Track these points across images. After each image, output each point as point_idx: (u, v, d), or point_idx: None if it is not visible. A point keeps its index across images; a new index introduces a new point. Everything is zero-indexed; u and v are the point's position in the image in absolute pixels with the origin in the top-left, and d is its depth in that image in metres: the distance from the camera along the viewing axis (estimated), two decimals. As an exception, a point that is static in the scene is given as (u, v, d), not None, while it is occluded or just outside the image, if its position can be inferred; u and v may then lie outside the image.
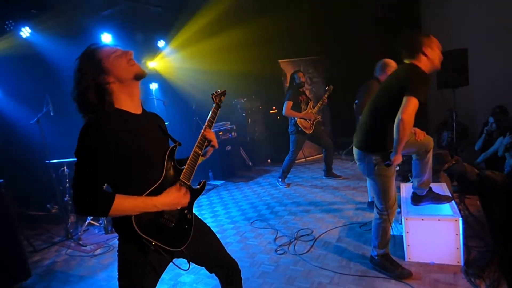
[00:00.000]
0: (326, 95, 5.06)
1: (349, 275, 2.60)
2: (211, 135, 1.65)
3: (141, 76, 1.45)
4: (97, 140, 1.28)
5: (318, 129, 5.08)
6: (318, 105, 5.04)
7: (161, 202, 1.39)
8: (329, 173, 5.28)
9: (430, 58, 2.29)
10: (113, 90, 1.40)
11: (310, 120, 4.93)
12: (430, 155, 2.58)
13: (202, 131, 1.63)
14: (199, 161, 1.67)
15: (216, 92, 1.72)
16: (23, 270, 3.05)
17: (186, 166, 1.55)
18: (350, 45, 6.30)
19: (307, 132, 4.91)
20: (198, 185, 1.64)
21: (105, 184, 1.35)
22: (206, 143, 1.65)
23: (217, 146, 1.70)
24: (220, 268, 1.76)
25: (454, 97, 4.71)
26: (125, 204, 1.31)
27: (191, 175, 1.56)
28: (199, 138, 1.61)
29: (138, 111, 1.49)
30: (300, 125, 4.85)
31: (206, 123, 1.66)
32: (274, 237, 3.44)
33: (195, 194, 1.59)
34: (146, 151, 1.41)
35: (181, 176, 1.52)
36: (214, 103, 1.71)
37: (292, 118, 4.90)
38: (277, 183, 5.28)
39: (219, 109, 1.72)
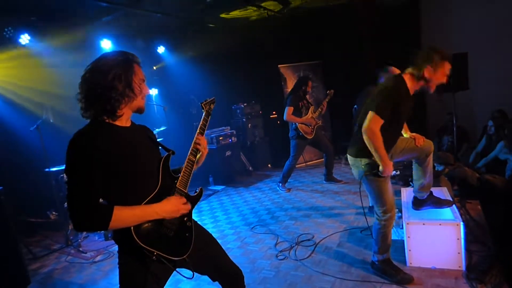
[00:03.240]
0: (327, 100, 5.07)
1: (350, 280, 2.58)
2: (202, 141, 1.66)
3: (140, 111, 1.50)
4: (87, 152, 1.26)
5: (319, 134, 5.08)
6: (319, 109, 5.04)
7: (162, 209, 1.38)
8: (329, 177, 5.28)
9: (427, 77, 2.18)
10: (115, 107, 1.38)
11: (311, 125, 4.93)
12: (431, 159, 2.59)
13: (195, 139, 1.64)
14: (194, 169, 1.67)
15: (205, 101, 1.75)
16: (23, 277, 3.03)
17: (181, 173, 1.55)
18: (349, 50, 6.32)
19: (308, 137, 4.91)
20: (195, 192, 1.64)
21: (101, 200, 1.33)
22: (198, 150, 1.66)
23: (205, 151, 1.68)
24: (224, 277, 1.74)
25: (454, 101, 4.71)
26: (125, 214, 1.28)
27: (187, 182, 1.56)
28: (192, 146, 1.62)
29: (127, 124, 1.49)
30: (301, 130, 4.85)
31: (198, 131, 1.66)
32: (274, 242, 3.43)
33: (193, 202, 1.59)
34: (140, 162, 1.40)
35: (177, 183, 1.52)
36: (203, 111, 1.72)
37: (293, 123, 4.90)
38: (278, 188, 5.27)
39: (210, 117, 1.74)
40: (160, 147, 1.62)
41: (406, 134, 2.64)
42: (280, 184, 5.23)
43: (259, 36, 6.69)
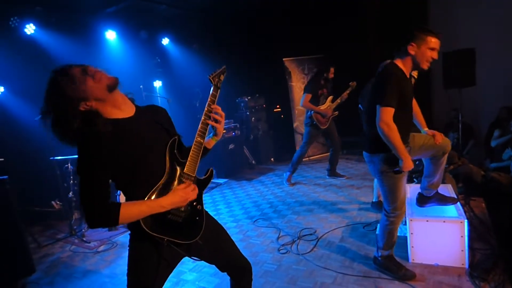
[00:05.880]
0: (348, 91, 4.92)
1: (352, 275, 2.58)
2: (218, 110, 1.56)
3: (113, 86, 1.36)
4: (95, 153, 1.30)
5: (332, 126, 5.01)
6: (338, 100, 4.93)
7: (168, 202, 1.39)
8: (332, 172, 5.25)
9: (413, 56, 2.19)
10: (97, 110, 1.35)
11: (326, 115, 4.86)
12: (446, 157, 2.55)
13: (202, 119, 1.55)
14: (213, 143, 1.64)
15: (214, 72, 1.59)
16: (28, 266, 3.06)
17: (188, 158, 1.50)
18: (355, 44, 6.26)
19: (322, 127, 4.86)
20: (205, 174, 1.60)
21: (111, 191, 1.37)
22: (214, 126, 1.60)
23: (221, 131, 1.64)
24: (232, 268, 1.74)
25: (460, 97, 4.66)
26: (132, 211, 1.33)
27: (195, 166, 1.52)
28: (199, 127, 1.54)
29: (130, 113, 1.45)
30: (315, 119, 4.80)
31: (206, 108, 1.55)
32: (277, 236, 3.44)
33: (203, 185, 1.57)
34: (146, 153, 1.40)
35: (185, 169, 1.49)
36: (212, 84, 1.58)
37: (309, 110, 4.84)
38: (284, 176, 5.18)
39: (219, 91, 1.59)
40: (167, 130, 1.55)
41: (424, 130, 2.58)
42: (288, 173, 5.14)
43: (264, 29, 6.64)
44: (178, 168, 1.48)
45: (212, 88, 1.58)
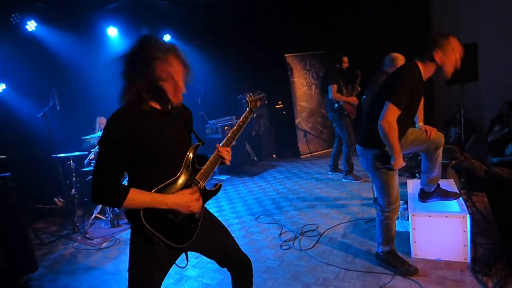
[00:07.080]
0: (358, 80, 4.85)
1: (354, 271, 2.59)
2: (224, 153, 1.61)
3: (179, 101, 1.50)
4: (121, 132, 1.33)
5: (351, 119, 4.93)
6: (358, 88, 4.86)
7: (171, 201, 1.41)
8: (335, 168, 5.25)
9: (439, 62, 2.18)
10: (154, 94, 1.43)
11: (355, 104, 4.78)
12: (440, 151, 2.56)
13: (225, 142, 1.62)
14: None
15: (253, 95, 1.61)
16: (31, 263, 3.07)
17: (205, 166, 1.55)
18: (356, 40, 6.23)
19: (352, 116, 4.77)
20: (214, 187, 1.63)
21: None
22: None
23: (228, 163, 1.66)
24: (232, 264, 1.75)
25: (462, 93, 4.64)
26: (138, 198, 1.35)
27: (208, 176, 1.56)
28: (225, 140, 1.63)
29: (167, 108, 1.50)
30: (346, 109, 4.71)
31: (235, 127, 1.60)
32: (279, 232, 3.44)
33: (208, 196, 1.59)
34: (168, 148, 1.44)
35: (197, 175, 1.53)
36: (247, 107, 1.61)
37: (336, 103, 4.72)
38: (345, 181, 4.88)
39: (252, 115, 1.60)
40: (192, 134, 1.63)
41: (419, 124, 2.60)
42: (350, 176, 4.85)
43: (265, 25, 6.61)
44: (191, 173, 1.52)
45: (247, 110, 1.62)
